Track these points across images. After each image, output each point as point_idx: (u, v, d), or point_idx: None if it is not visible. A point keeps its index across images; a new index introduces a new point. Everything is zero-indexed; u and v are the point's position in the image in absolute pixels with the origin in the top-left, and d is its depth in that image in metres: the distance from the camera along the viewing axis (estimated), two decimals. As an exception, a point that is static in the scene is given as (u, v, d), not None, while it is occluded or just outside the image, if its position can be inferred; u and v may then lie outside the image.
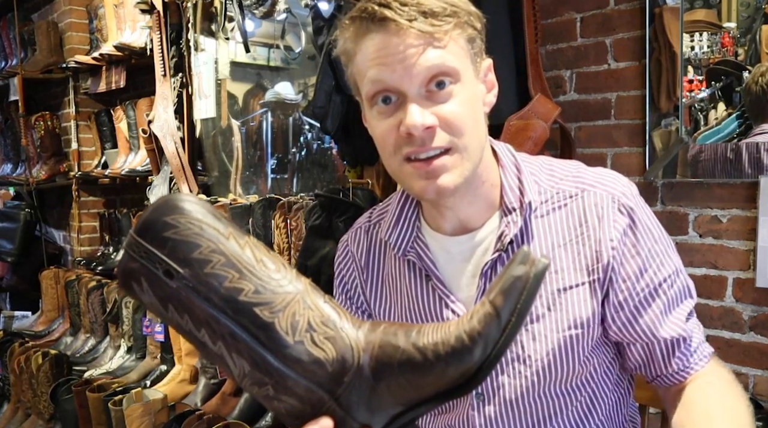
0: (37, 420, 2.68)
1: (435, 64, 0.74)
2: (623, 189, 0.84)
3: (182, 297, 0.56)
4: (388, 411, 0.58)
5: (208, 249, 0.56)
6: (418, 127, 0.74)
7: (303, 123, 2.54)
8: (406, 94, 0.75)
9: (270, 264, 0.58)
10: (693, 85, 1.57)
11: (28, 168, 3.33)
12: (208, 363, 2.18)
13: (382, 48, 0.75)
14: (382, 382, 0.57)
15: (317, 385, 0.57)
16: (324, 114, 1.71)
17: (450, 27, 0.75)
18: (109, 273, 2.94)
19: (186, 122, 2.46)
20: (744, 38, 1.48)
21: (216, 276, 0.56)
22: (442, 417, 0.94)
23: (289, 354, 0.57)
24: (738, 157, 1.48)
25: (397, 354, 0.57)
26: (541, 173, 0.88)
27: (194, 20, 2.40)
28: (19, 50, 3.38)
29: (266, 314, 0.56)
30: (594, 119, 1.73)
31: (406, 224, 0.91)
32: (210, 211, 0.58)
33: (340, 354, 0.57)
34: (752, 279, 1.50)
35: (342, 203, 1.74)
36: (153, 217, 0.57)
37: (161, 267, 0.56)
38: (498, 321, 0.54)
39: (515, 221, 0.83)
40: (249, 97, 2.75)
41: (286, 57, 2.56)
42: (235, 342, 0.57)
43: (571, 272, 0.83)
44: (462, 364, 0.55)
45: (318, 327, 0.57)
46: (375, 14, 0.74)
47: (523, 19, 1.61)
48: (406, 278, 0.92)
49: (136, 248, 0.57)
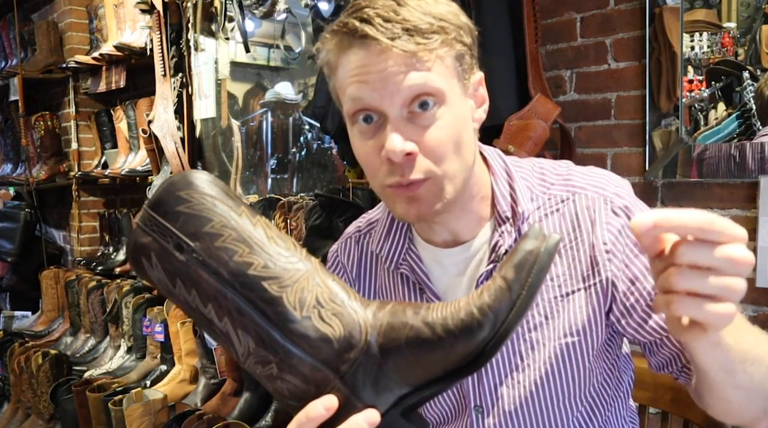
0: (37, 420, 2.68)
1: (417, 85, 0.70)
2: (615, 189, 0.82)
3: (191, 272, 0.56)
4: (394, 392, 0.57)
5: (220, 224, 0.56)
6: (397, 153, 0.71)
7: (303, 123, 2.54)
8: (386, 115, 0.72)
9: (281, 242, 0.58)
10: (693, 85, 1.57)
11: (28, 168, 3.33)
12: (208, 363, 2.19)
13: (362, 65, 0.71)
14: (389, 359, 0.56)
15: (323, 363, 0.56)
16: (324, 114, 1.71)
17: (436, 45, 0.71)
18: (109, 273, 2.94)
19: (186, 122, 2.46)
20: (744, 38, 1.48)
21: (226, 250, 0.56)
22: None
23: (296, 330, 0.56)
24: (742, 156, 1.48)
25: (406, 329, 0.56)
26: (532, 178, 0.86)
27: (194, 20, 2.40)
28: (19, 50, 3.38)
29: (274, 288, 0.56)
30: (594, 119, 1.73)
31: (398, 236, 0.89)
32: (223, 189, 0.58)
33: (347, 330, 0.56)
34: (752, 279, 1.50)
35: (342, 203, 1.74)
36: (167, 191, 0.57)
37: (172, 241, 0.57)
38: (509, 295, 0.53)
39: (509, 231, 0.82)
40: (249, 97, 2.76)
41: (286, 57, 2.57)
42: (241, 317, 0.56)
43: (568, 279, 0.82)
44: (471, 339, 0.54)
45: (326, 303, 0.57)
46: (356, 31, 0.70)
47: (523, 19, 1.61)
48: (399, 291, 0.90)
49: (149, 221, 0.58)
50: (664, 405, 1.19)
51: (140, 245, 0.58)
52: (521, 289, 0.53)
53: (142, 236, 0.58)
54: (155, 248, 0.57)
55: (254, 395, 2.01)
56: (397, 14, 0.70)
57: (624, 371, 0.93)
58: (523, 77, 1.62)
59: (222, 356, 2.14)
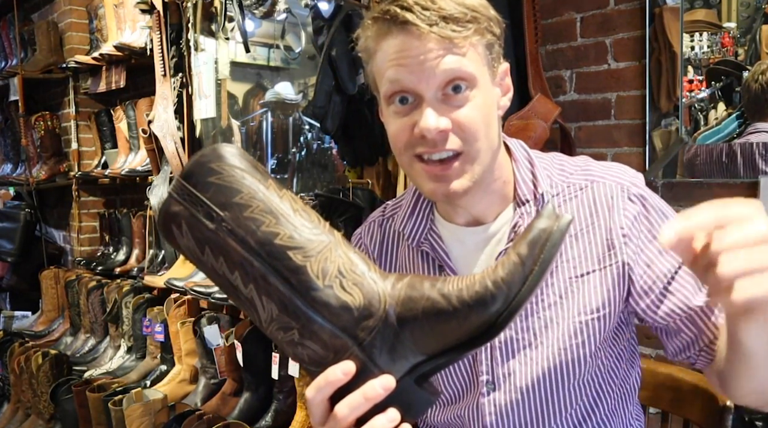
0: (37, 420, 2.68)
1: (452, 69, 0.76)
2: (632, 179, 0.87)
3: (219, 240, 0.59)
4: (410, 360, 0.59)
5: (249, 195, 0.59)
6: (431, 130, 0.76)
7: (303, 123, 2.54)
8: (422, 97, 0.77)
9: (305, 215, 0.61)
10: (693, 85, 1.57)
11: (28, 168, 3.33)
12: (208, 363, 2.18)
13: (402, 50, 0.77)
14: (406, 328, 0.59)
15: (342, 330, 0.59)
16: (324, 114, 1.71)
17: (470, 33, 0.76)
18: (109, 273, 2.94)
19: (186, 122, 2.46)
20: (744, 38, 1.48)
21: (254, 220, 0.59)
22: (450, 408, 0.95)
23: (318, 298, 0.59)
24: (733, 158, 1.49)
25: (423, 300, 0.58)
26: (552, 168, 0.90)
27: (194, 20, 2.40)
28: (19, 50, 3.38)
29: (299, 257, 0.59)
30: (594, 119, 1.73)
31: (421, 215, 0.93)
32: (252, 162, 0.61)
33: (367, 299, 0.59)
34: (752, 279, 1.50)
35: (342, 203, 1.74)
36: (199, 163, 0.60)
37: (202, 210, 0.60)
38: (522, 270, 0.56)
39: (529, 212, 0.86)
40: (249, 97, 2.75)
41: (286, 57, 2.57)
42: (266, 284, 0.59)
43: (583, 261, 0.85)
44: (485, 310, 0.56)
45: (348, 274, 0.59)
46: (397, 17, 0.76)
47: (523, 19, 1.61)
48: (419, 269, 0.93)
49: (181, 190, 0.60)
50: (664, 405, 1.19)
51: (172, 213, 0.61)
52: (534, 264, 0.56)
53: (174, 204, 0.61)
54: (186, 216, 0.60)
55: (254, 395, 2.01)
56: (434, 3, 0.75)
57: (632, 365, 0.95)
58: (523, 77, 1.62)
59: (222, 356, 2.14)
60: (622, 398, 0.94)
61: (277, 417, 1.94)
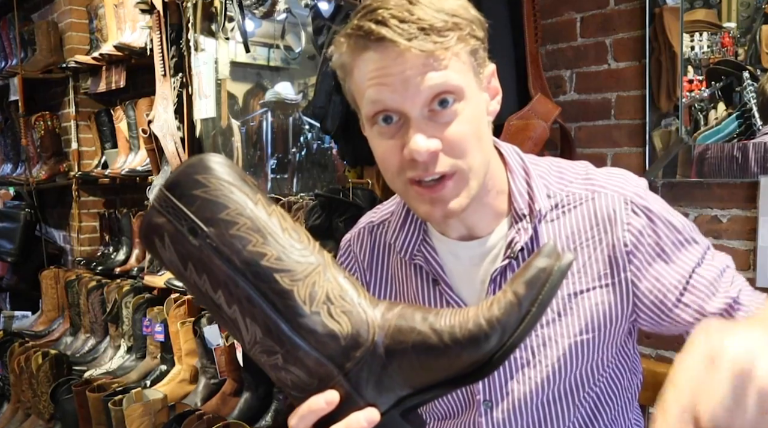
0: (37, 420, 2.68)
1: (437, 85, 0.71)
2: (635, 189, 0.82)
3: (203, 256, 0.57)
4: (396, 393, 0.58)
5: (236, 211, 0.56)
6: (422, 153, 0.71)
7: (303, 123, 2.54)
8: (408, 116, 0.72)
9: (294, 234, 0.58)
10: (693, 85, 1.57)
11: (28, 168, 3.33)
12: (208, 363, 2.18)
13: (381, 68, 0.71)
14: (394, 361, 0.57)
15: (328, 358, 0.57)
16: (324, 114, 1.71)
17: (452, 42, 0.71)
18: (109, 273, 2.94)
19: (186, 122, 2.46)
20: (744, 38, 1.48)
21: (240, 239, 0.56)
22: (446, 423, 0.93)
23: (304, 324, 0.57)
24: (743, 156, 1.48)
25: (413, 334, 0.56)
26: (550, 176, 0.85)
27: (194, 20, 2.40)
28: (19, 50, 3.38)
29: (286, 281, 0.56)
30: (594, 119, 1.73)
31: (413, 227, 0.89)
32: (240, 175, 0.58)
33: (355, 328, 0.57)
34: (752, 279, 1.50)
35: (342, 203, 1.74)
36: (184, 173, 0.57)
37: (186, 224, 0.57)
38: (519, 310, 0.54)
39: (525, 228, 0.82)
40: (249, 97, 2.75)
41: (286, 57, 2.57)
42: (251, 306, 0.57)
43: (582, 277, 0.82)
44: (477, 350, 0.55)
45: (336, 300, 0.57)
46: (372, 33, 0.70)
47: (523, 19, 1.61)
48: (412, 282, 0.90)
49: (164, 202, 0.58)
50: (664, 405, 1.18)
51: (154, 224, 0.58)
52: (531, 305, 0.54)
53: (156, 216, 0.58)
54: (169, 230, 0.57)
55: (254, 395, 2.01)
56: (412, 14, 0.69)
57: (635, 372, 0.93)
58: (523, 77, 1.62)
59: (222, 356, 2.14)
60: (622, 407, 0.92)
61: (277, 417, 1.94)
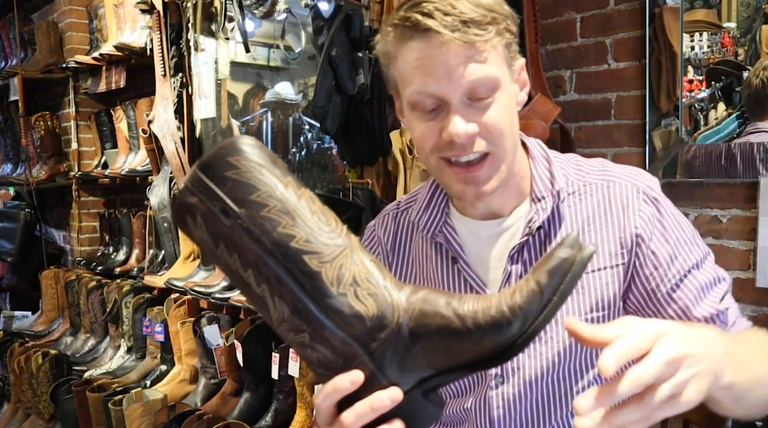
0: (37, 420, 2.68)
1: (477, 76, 0.77)
2: (648, 182, 0.88)
3: (234, 236, 0.58)
4: (419, 373, 0.59)
5: (266, 193, 0.58)
6: (461, 135, 0.78)
7: (303, 123, 2.54)
8: (449, 102, 0.78)
9: (322, 217, 0.60)
10: (693, 85, 1.57)
11: (28, 168, 3.33)
12: (208, 363, 2.18)
13: (425, 57, 0.77)
14: (418, 343, 0.58)
15: (353, 338, 0.59)
16: (324, 114, 1.71)
17: (491, 35, 0.77)
18: (109, 273, 2.94)
19: (186, 122, 2.46)
20: (744, 38, 1.48)
21: (270, 220, 0.58)
22: (456, 401, 0.95)
23: (331, 305, 0.58)
24: (731, 158, 1.48)
25: (437, 317, 0.58)
26: (569, 168, 0.91)
27: (194, 20, 2.40)
28: (19, 50, 3.38)
29: (314, 263, 0.58)
30: (594, 119, 1.73)
31: (436, 208, 0.95)
32: (271, 158, 0.60)
33: (380, 310, 0.59)
34: (752, 279, 1.50)
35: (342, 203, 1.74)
36: (217, 155, 0.59)
37: (218, 205, 0.58)
38: (540, 299, 0.56)
39: (544, 208, 0.87)
40: (249, 97, 2.75)
41: (286, 57, 2.57)
42: (279, 286, 0.58)
43: (595, 257, 0.86)
44: (499, 336, 0.56)
45: (362, 283, 0.59)
46: (419, 24, 0.76)
47: (523, 19, 1.61)
48: (432, 261, 0.95)
49: (197, 183, 0.59)
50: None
51: (186, 204, 0.59)
52: (552, 294, 0.56)
53: (189, 196, 0.59)
54: (201, 209, 0.59)
55: (254, 395, 2.01)
56: (454, 8, 0.75)
57: None
58: (523, 77, 1.62)
59: (222, 356, 2.13)
60: None
61: (277, 417, 1.94)
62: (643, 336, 0.57)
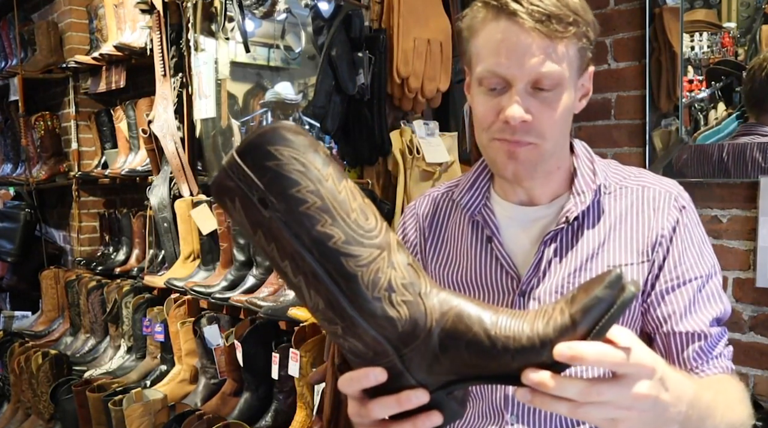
0: (37, 420, 2.68)
1: (546, 69, 0.80)
2: (680, 192, 0.94)
3: (273, 227, 0.58)
4: (444, 377, 0.61)
5: (306, 189, 0.57)
6: (516, 118, 0.82)
7: (303, 123, 2.54)
8: (513, 85, 0.82)
9: (362, 216, 0.59)
10: (693, 85, 1.57)
11: (28, 168, 3.33)
12: (208, 363, 2.18)
13: (504, 39, 0.81)
14: (447, 354, 0.59)
15: (385, 339, 0.60)
16: (324, 114, 1.71)
17: (569, 35, 0.81)
18: (109, 273, 2.93)
19: (186, 122, 2.45)
20: (744, 38, 1.48)
21: (309, 217, 0.57)
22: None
23: (366, 307, 0.59)
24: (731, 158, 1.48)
25: (469, 334, 0.59)
26: (608, 170, 0.96)
27: (194, 20, 2.40)
28: (19, 50, 3.38)
29: (351, 265, 0.58)
30: (594, 119, 1.73)
31: (478, 190, 0.99)
32: (313, 147, 0.58)
33: (413, 318, 0.59)
34: (752, 279, 1.50)
35: (342, 203, 1.74)
36: (257, 142, 0.57)
37: (257, 194, 0.57)
38: (573, 335, 0.56)
39: (583, 202, 0.91)
40: (249, 97, 2.75)
41: (286, 57, 2.57)
42: (315, 281, 0.58)
43: (623, 252, 0.90)
44: (527, 361, 0.57)
45: (398, 289, 0.59)
46: (507, 6, 0.80)
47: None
48: (468, 239, 0.99)
49: (236, 168, 0.58)
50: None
51: (225, 187, 0.58)
52: (586, 335, 0.56)
53: (227, 179, 0.58)
54: (240, 195, 0.58)
55: (254, 395, 2.01)
56: (542, 0, 0.80)
57: None
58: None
59: (222, 356, 2.13)
60: None
61: (277, 417, 1.94)
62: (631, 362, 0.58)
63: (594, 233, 0.90)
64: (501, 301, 0.93)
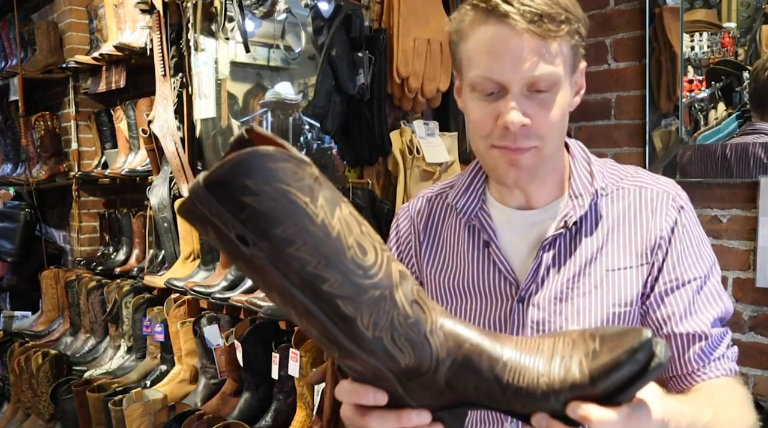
0: (37, 420, 2.68)
1: (542, 71, 0.79)
2: (677, 191, 0.92)
3: (255, 264, 0.50)
4: (447, 402, 0.59)
5: (293, 228, 0.48)
6: (516, 124, 0.80)
7: (303, 123, 2.54)
8: (509, 90, 0.80)
9: (359, 252, 0.52)
10: (693, 85, 1.57)
11: (28, 168, 3.33)
12: (208, 363, 2.18)
13: (497, 42, 0.79)
14: (453, 391, 0.57)
15: (387, 369, 0.56)
16: (324, 114, 1.71)
17: (562, 34, 0.79)
18: (109, 273, 2.93)
19: (186, 122, 2.45)
20: (744, 38, 1.48)
21: (298, 259, 0.49)
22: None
23: (365, 345, 0.54)
24: (731, 158, 1.48)
25: (478, 378, 0.56)
26: (604, 170, 0.94)
27: (194, 20, 2.40)
28: (19, 50, 3.38)
29: (349, 308, 0.52)
30: (594, 119, 1.73)
31: (474, 194, 0.97)
32: (299, 173, 0.49)
33: (417, 359, 0.56)
34: (752, 279, 1.50)
35: (342, 203, 1.74)
36: (231, 175, 0.47)
37: (234, 231, 0.48)
38: (590, 393, 0.54)
39: (581, 205, 0.89)
40: (249, 97, 2.75)
41: (286, 57, 2.56)
42: (309, 316, 0.52)
43: (622, 256, 0.89)
44: (538, 409, 0.56)
45: (400, 327, 0.54)
46: (498, 8, 0.78)
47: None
48: (464, 244, 0.97)
49: (205, 202, 0.48)
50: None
51: (195, 213, 0.49)
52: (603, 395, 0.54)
53: (194, 208, 0.49)
54: (212, 227, 0.49)
55: (254, 395, 2.01)
56: (533, 0, 0.78)
57: None
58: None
59: (222, 356, 2.13)
60: None
61: (277, 417, 1.94)
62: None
63: (592, 237, 0.89)
64: (499, 307, 0.92)
